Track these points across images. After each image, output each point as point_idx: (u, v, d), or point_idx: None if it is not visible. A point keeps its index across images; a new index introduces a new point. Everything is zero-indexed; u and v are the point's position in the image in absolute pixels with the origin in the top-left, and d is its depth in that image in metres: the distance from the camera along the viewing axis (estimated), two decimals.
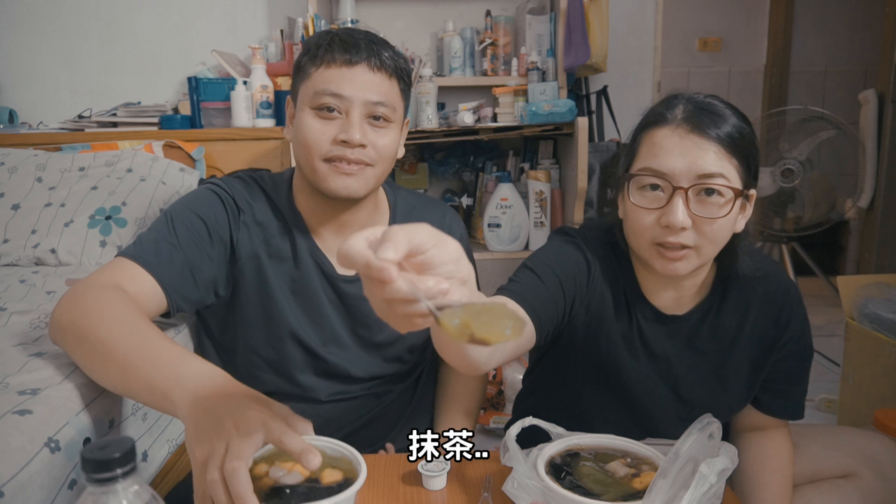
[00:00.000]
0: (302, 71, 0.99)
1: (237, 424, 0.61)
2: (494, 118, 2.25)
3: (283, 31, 2.31)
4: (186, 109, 2.04)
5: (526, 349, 0.90)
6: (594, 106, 2.48)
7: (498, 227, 2.30)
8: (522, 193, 2.33)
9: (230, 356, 1.06)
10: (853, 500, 1.01)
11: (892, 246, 2.83)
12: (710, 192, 0.84)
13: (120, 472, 0.47)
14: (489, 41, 2.31)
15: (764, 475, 1.01)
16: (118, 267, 0.89)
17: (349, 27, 1.13)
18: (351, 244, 0.46)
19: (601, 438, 0.82)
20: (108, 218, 1.49)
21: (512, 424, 0.83)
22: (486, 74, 2.33)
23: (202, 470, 0.59)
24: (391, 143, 1.00)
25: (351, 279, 1.05)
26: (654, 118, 0.89)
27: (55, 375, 0.80)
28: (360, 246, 0.46)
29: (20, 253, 1.44)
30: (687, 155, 0.84)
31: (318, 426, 0.69)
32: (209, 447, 0.60)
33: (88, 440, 0.77)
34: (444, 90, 2.34)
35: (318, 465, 0.59)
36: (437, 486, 0.81)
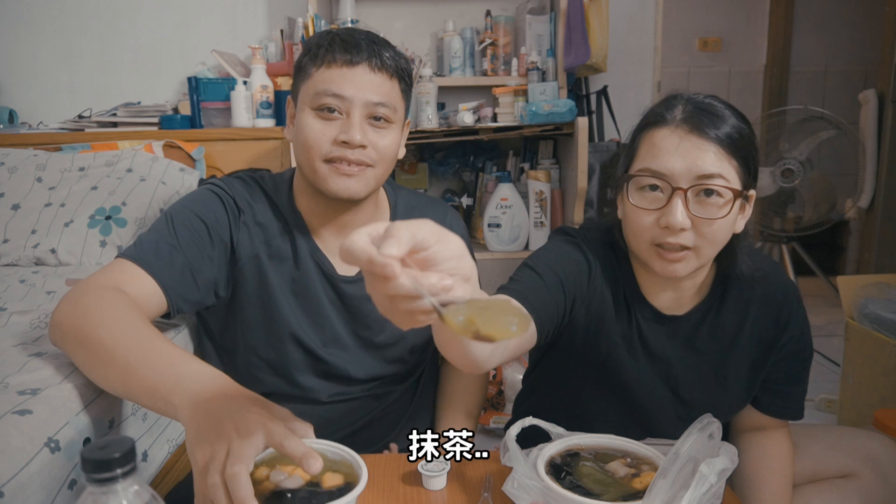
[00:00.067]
0: (302, 71, 0.99)
1: (238, 428, 0.61)
2: (494, 118, 2.25)
3: (283, 31, 2.31)
4: (186, 109, 2.04)
5: (527, 348, 0.90)
6: (594, 106, 2.48)
7: (498, 227, 2.29)
8: (522, 193, 2.33)
9: (230, 357, 1.06)
10: (853, 500, 1.01)
11: (892, 246, 2.83)
12: (709, 192, 0.84)
13: (120, 472, 0.47)
14: (489, 41, 2.31)
15: (764, 475, 1.01)
16: (118, 268, 0.89)
17: (350, 27, 1.13)
18: (354, 240, 0.45)
19: (601, 438, 0.82)
20: (108, 218, 1.49)
21: (512, 424, 0.83)
22: (486, 74, 2.33)
23: (203, 474, 0.59)
24: (392, 143, 1.00)
25: (351, 280, 1.05)
26: (653, 118, 0.89)
27: (55, 375, 0.80)
28: (362, 242, 0.45)
29: (20, 253, 1.44)
30: (686, 155, 0.84)
31: (318, 427, 0.69)
32: (210, 450, 0.60)
33: (88, 440, 0.77)
34: (444, 90, 2.34)
35: (319, 469, 0.59)
36: (437, 486, 0.81)
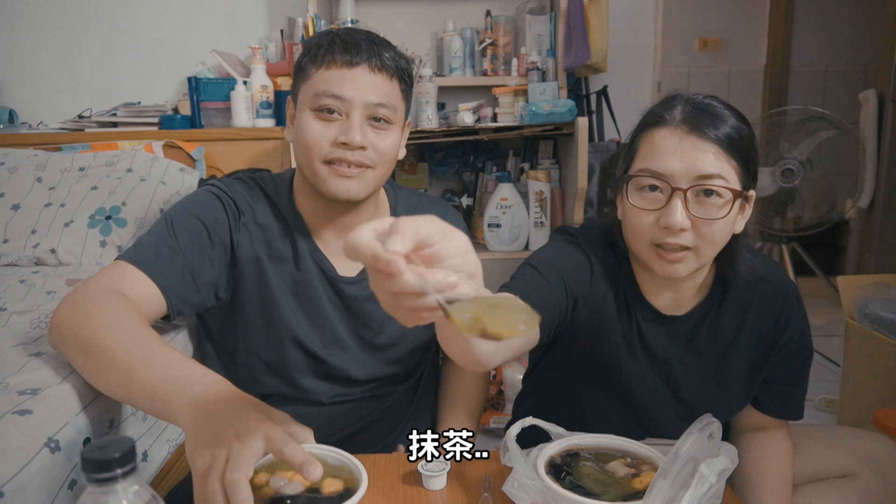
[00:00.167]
0: (302, 71, 0.99)
1: (238, 433, 0.60)
2: (494, 118, 2.25)
3: (283, 31, 2.31)
4: (186, 109, 2.03)
5: (529, 348, 0.90)
6: (594, 106, 2.48)
7: (498, 227, 2.29)
8: (522, 193, 2.33)
9: (230, 358, 1.06)
10: (853, 500, 1.01)
11: (892, 246, 2.83)
12: (708, 193, 0.84)
13: (120, 472, 0.47)
14: (489, 41, 2.31)
15: (764, 475, 1.01)
16: (118, 270, 0.89)
17: (350, 27, 1.13)
18: (358, 235, 0.45)
19: (601, 438, 0.82)
20: (108, 218, 1.49)
21: (512, 424, 0.83)
22: (486, 74, 2.33)
23: (203, 480, 0.59)
24: (392, 144, 0.99)
25: (352, 281, 1.05)
26: (652, 119, 0.89)
27: (55, 375, 0.80)
28: (367, 237, 0.45)
29: (20, 253, 1.44)
30: (686, 156, 0.84)
31: (318, 428, 0.69)
32: (210, 456, 0.60)
33: (88, 440, 0.77)
34: (444, 90, 2.34)
35: (319, 476, 0.59)
36: (437, 486, 0.81)
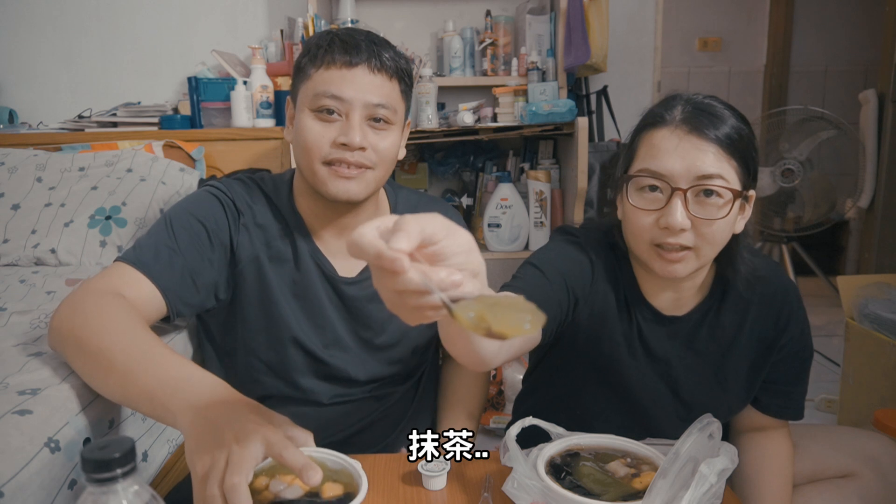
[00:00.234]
0: (302, 72, 0.98)
1: (237, 437, 0.60)
2: (494, 118, 2.25)
3: (283, 31, 2.31)
4: (186, 109, 2.04)
5: (531, 347, 0.89)
6: (594, 106, 2.48)
7: (498, 227, 2.29)
8: (522, 193, 2.33)
9: (230, 359, 1.06)
10: (853, 500, 1.01)
11: (892, 246, 2.82)
12: (708, 193, 0.84)
13: (120, 472, 0.47)
14: (489, 41, 2.31)
15: (764, 475, 1.01)
16: (117, 272, 0.89)
17: (350, 27, 1.13)
18: (362, 233, 0.44)
19: (601, 438, 0.82)
20: (108, 218, 1.49)
21: (512, 425, 0.83)
22: (486, 74, 2.33)
23: (202, 483, 0.59)
24: (392, 145, 0.99)
25: (352, 281, 1.05)
26: (652, 119, 0.89)
27: (55, 375, 0.81)
28: (371, 235, 0.44)
29: (20, 253, 1.44)
30: (685, 156, 0.84)
31: (319, 429, 0.69)
32: (210, 460, 0.59)
33: (88, 440, 0.77)
34: (444, 90, 2.34)
35: (318, 481, 0.59)
36: (437, 486, 0.81)
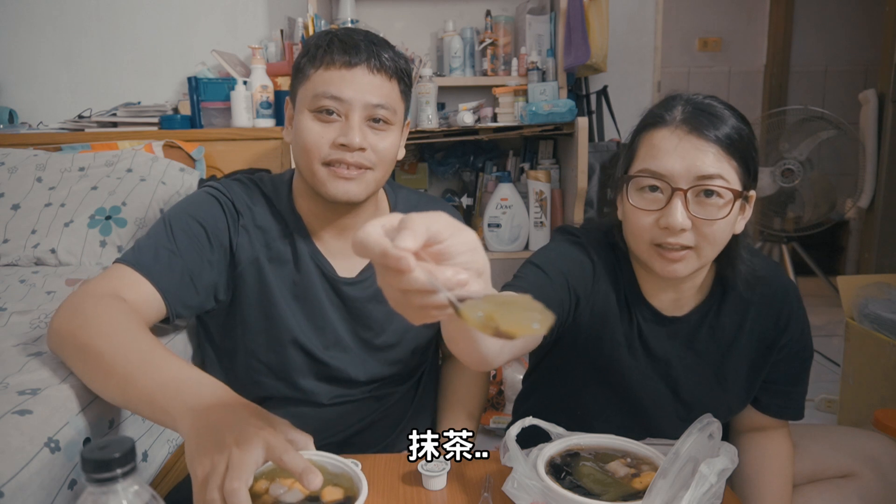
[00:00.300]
0: (301, 72, 0.98)
1: (238, 441, 0.60)
2: (494, 118, 2.25)
3: (283, 31, 2.31)
4: (186, 109, 2.03)
5: (533, 347, 0.89)
6: (594, 106, 2.48)
7: (498, 227, 2.30)
8: (522, 193, 2.33)
9: (230, 360, 1.06)
10: (853, 500, 1.01)
11: (892, 246, 2.82)
12: (709, 193, 0.84)
13: (120, 472, 0.47)
14: (489, 41, 2.31)
15: (764, 475, 1.01)
16: (117, 274, 0.89)
17: (349, 27, 1.13)
18: (367, 232, 0.44)
19: (601, 438, 0.82)
20: (108, 218, 1.49)
21: (512, 425, 0.83)
22: (486, 74, 2.33)
23: (202, 487, 0.59)
24: (391, 145, 0.99)
25: (352, 281, 1.05)
26: (652, 119, 0.89)
27: (55, 375, 0.80)
28: (376, 234, 0.44)
29: (20, 253, 1.44)
30: (686, 156, 0.84)
31: (318, 429, 0.69)
32: (209, 463, 0.59)
33: (88, 440, 0.77)
34: (444, 90, 2.34)
35: (318, 485, 0.59)
36: (437, 486, 0.81)
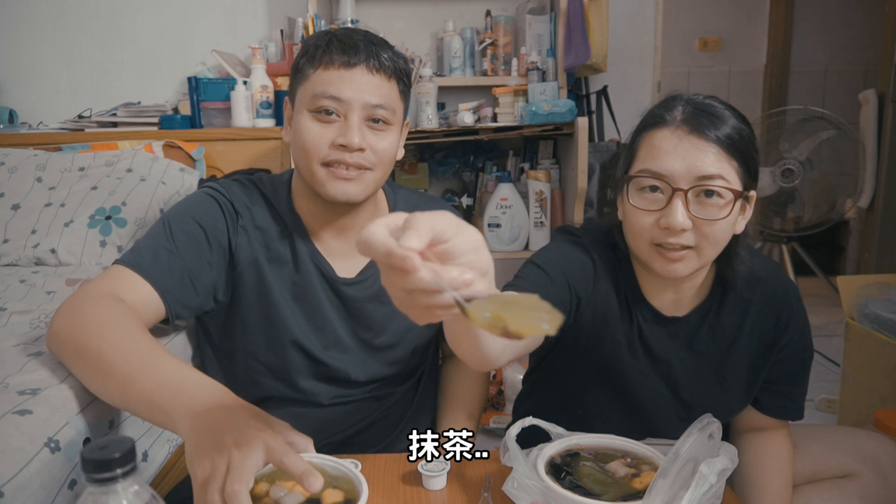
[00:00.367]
0: (300, 72, 0.98)
1: (238, 443, 0.60)
2: (494, 118, 2.25)
3: (283, 31, 2.31)
4: (186, 109, 2.03)
5: (535, 346, 0.89)
6: (594, 106, 2.48)
7: (498, 227, 2.30)
8: (522, 193, 2.33)
9: (229, 361, 1.06)
10: (853, 500, 1.01)
11: (892, 246, 2.82)
12: (709, 193, 0.84)
13: (120, 472, 0.47)
14: (489, 41, 2.31)
15: (764, 476, 1.01)
16: (116, 275, 0.88)
17: (348, 27, 1.12)
18: (372, 231, 0.44)
19: (601, 438, 0.82)
20: (108, 218, 1.49)
21: (512, 425, 0.83)
22: (486, 74, 2.33)
23: (203, 489, 0.59)
24: (390, 146, 0.99)
25: (352, 282, 1.05)
26: (653, 120, 0.89)
27: (55, 375, 0.80)
28: (381, 233, 0.44)
29: (20, 253, 1.44)
30: (686, 156, 0.84)
31: (318, 429, 0.69)
32: (210, 466, 0.60)
33: (88, 440, 0.77)
34: (444, 90, 2.34)
35: (319, 488, 0.59)
36: (437, 486, 0.81)
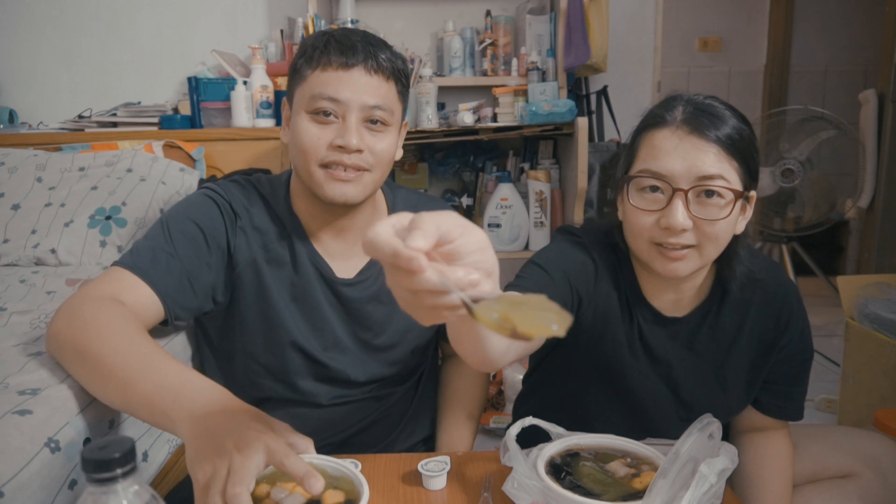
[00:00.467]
0: (298, 73, 0.98)
1: (238, 446, 0.60)
2: (494, 118, 2.25)
3: (283, 31, 2.31)
4: (186, 109, 2.03)
5: (537, 347, 0.89)
6: (594, 106, 2.48)
7: (498, 227, 2.30)
8: (522, 193, 2.34)
9: (229, 362, 1.06)
10: (853, 500, 1.01)
11: (892, 246, 2.82)
12: (709, 193, 0.84)
13: (120, 472, 0.47)
14: (489, 41, 2.31)
15: (764, 476, 1.01)
16: (115, 277, 0.88)
17: (346, 27, 1.12)
18: (377, 232, 0.44)
19: (601, 438, 0.82)
20: (108, 218, 1.49)
21: (512, 425, 0.83)
22: (486, 74, 2.33)
23: (204, 492, 0.59)
24: (389, 146, 0.99)
25: (351, 282, 1.04)
26: (653, 120, 0.89)
27: (55, 375, 0.80)
28: (387, 234, 0.44)
29: (20, 253, 1.44)
30: (686, 157, 0.83)
31: (318, 430, 0.69)
32: (211, 469, 0.60)
33: (88, 440, 0.77)
34: (444, 90, 2.34)
35: (320, 489, 0.59)
36: (437, 486, 0.81)
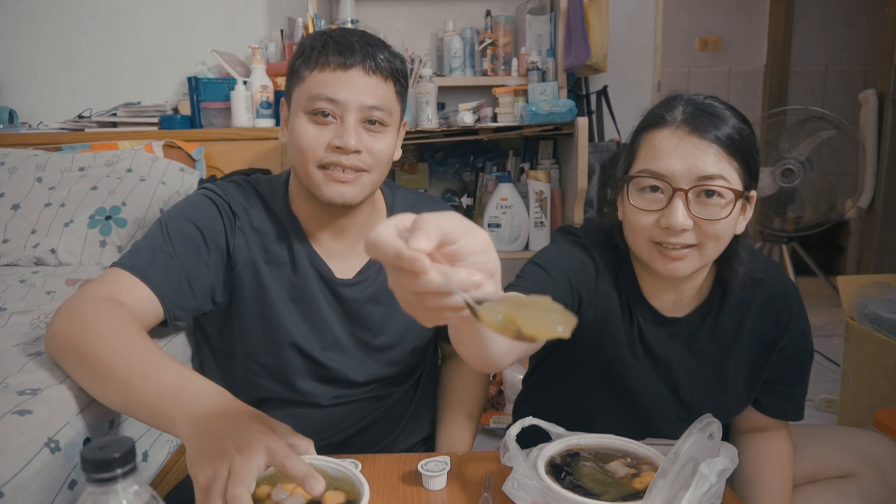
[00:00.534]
0: (296, 74, 0.97)
1: (239, 447, 0.60)
2: (494, 118, 2.25)
3: (283, 31, 2.31)
4: (186, 109, 2.03)
5: (537, 348, 0.89)
6: (594, 106, 2.48)
7: (498, 227, 2.30)
8: (522, 193, 2.34)
9: (228, 363, 1.06)
10: (853, 500, 1.01)
11: (892, 246, 2.82)
12: (710, 193, 0.84)
13: (120, 472, 0.47)
14: (489, 41, 2.31)
15: (764, 476, 1.01)
16: (114, 278, 0.88)
17: (344, 28, 1.12)
18: (380, 233, 0.44)
19: (601, 438, 0.82)
20: (108, 218, 1.49)
21: (512, 425, 0.83)
22: (486, 74, 2.33)
23: (204, 494, 0.59)
24: (387, 147, 0.98)
25: (350, 283, 1.04)
26: (653, 120, 0.88)
27: (55, 376, 0.80)
28: (389, 235, 0.43)
29: (20, 253, 1.44)
30: (686, 157, 0.83)
31: (318, 430, 0.69)
32: (212, 470, 0.60)
33: (88, 440, 0.77)
34: (444, 90, 2.34)
35: (320, 491, 0.59)
36: (437, 486, 0.81)
